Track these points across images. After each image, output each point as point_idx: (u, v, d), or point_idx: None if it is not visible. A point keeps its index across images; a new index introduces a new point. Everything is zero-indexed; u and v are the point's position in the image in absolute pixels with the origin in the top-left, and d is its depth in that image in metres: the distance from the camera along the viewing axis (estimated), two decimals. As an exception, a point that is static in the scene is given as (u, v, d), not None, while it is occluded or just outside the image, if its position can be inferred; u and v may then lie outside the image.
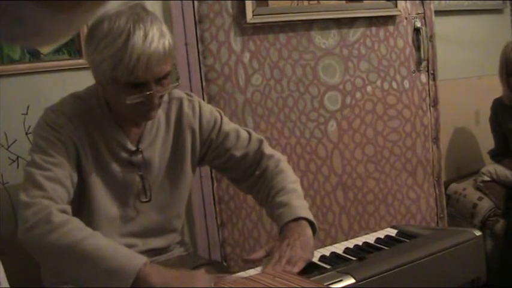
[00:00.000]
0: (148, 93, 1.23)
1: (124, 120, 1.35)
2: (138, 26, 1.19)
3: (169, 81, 1.28)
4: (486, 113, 2.74)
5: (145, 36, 1.18)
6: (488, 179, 2.61)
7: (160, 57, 1.20)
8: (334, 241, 2.19)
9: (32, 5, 0.36)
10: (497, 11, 3.06)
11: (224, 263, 2.06)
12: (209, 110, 1.48)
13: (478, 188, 2.63)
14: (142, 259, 1.13)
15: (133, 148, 1.36)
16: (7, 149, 1.77)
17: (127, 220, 1.38)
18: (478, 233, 1.25)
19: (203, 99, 2.05)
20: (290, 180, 1.43)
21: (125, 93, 1.22)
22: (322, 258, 1.27)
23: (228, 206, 2.13)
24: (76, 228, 1.15)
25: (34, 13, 0.37)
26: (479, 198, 2.59)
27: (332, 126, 2.27)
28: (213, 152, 1.47)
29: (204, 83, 2.06)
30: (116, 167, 1.34)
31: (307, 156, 2.24)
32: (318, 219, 2.26)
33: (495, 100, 2.69)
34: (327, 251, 1.32)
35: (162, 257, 1.46)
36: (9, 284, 1.33)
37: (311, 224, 1.32)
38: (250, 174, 1.49)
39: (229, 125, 1.49)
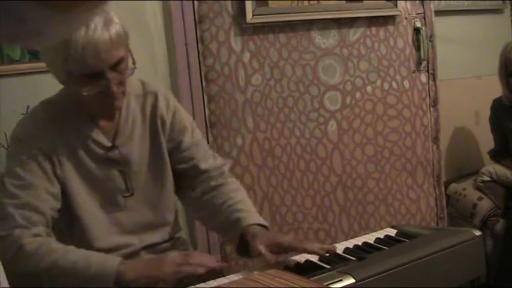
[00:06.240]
0: (104, 82, 1.23)
1: (97, 116, 1.35)
2: None
3: (125, 66, 1.28)
4: (486, 113, 2.74)
5: (87, 26, 1.18)
6: (488, 179, 2.60)
7: (106, 44, 1.20)
8: (334, 241, 2.19)
9: (33, 5, 0.36)
10: (497, 11, 3.06)
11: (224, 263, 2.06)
12: (185, 114, 1.49)
13: (478, 188, 2.63)
14: (115, 260, 1.19)
15: (109, 144, 1.36)
16: (7, 149, 1.77)
17: (116, 219, 1.38)
18: (478, 233, 1.25)
19: (203, 99, 2.05)
20: (247, 197, 1.49)
21: (82, 86, 1.23)
22: (322, 258, 1.27)
23: (228, 206, 2.13)
24: (48, 252, 1.21)
25: (34, 13, 0.37)
26: (479, 198, 2.58)
27: (332, 126, 2.27)
28: (180, 154, 1.45)
29: (204, 83, 2.06)
30: (93, 165, 1.34)
31: (307, 156, 2.24)
32: (318, 220, 2.26)
33: (495, 100, 2.69)
34: (326, 251, 1.31)
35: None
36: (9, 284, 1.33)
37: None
38: (204, 183, 1.48)
39: (201, 136, 1.51)
